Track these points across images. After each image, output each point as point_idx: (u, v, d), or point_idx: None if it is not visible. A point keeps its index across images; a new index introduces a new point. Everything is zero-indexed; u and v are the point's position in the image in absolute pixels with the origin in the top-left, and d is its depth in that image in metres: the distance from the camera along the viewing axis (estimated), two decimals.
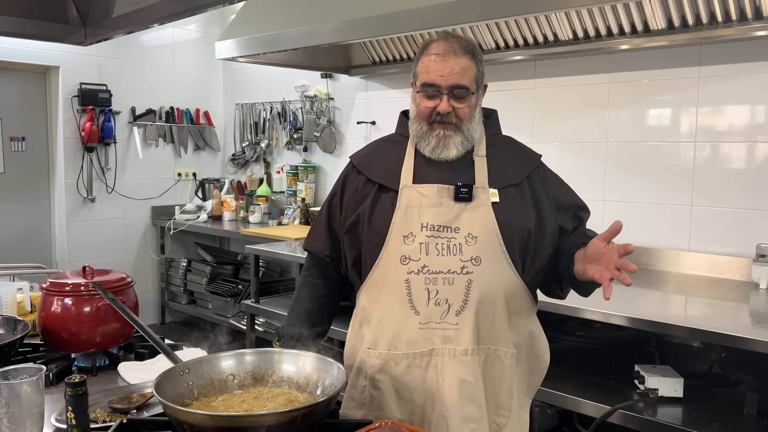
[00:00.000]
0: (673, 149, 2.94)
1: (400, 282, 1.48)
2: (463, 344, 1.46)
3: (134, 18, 2.67)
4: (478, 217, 1.48)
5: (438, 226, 1.48)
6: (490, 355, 1.49)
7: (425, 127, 1.52)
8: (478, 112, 1.54)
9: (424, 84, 1.50)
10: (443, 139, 1.50)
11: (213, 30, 5.34)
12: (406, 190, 1.52)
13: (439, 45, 1.49)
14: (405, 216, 1.50)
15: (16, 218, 4.76)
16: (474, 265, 1.46)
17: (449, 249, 1.47)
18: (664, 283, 2.76)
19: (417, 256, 1.48)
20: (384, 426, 1.19)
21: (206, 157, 5.55)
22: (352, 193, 1.61)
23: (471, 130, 1.52)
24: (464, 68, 1.47)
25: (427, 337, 1.47)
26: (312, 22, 3.19)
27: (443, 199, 1.50)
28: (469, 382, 1.46)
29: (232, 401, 1.34)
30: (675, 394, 2.20)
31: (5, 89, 4.65)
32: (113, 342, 1.82)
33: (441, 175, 1.52)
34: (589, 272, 1.43)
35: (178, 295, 5.20)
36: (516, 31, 3.01)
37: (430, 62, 1.49)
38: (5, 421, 1.25)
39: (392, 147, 1.62)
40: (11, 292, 2.02)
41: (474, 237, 1.47)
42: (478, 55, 1.52)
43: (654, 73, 2.97)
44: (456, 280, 1.46)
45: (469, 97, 1.49)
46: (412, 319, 1.47)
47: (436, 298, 1.46)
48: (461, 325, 1.46)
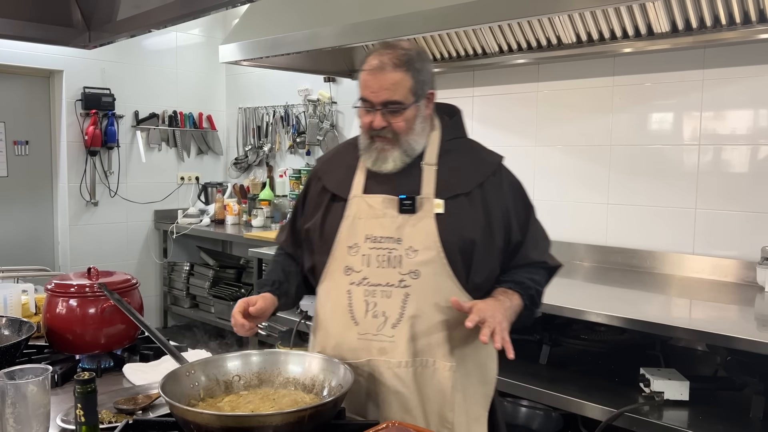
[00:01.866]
0: (676, 153, 2.93)
1: (343, 293, 1.51)
2: (397, 357, 1.46)
3: (138, 21, 2.68)
4: (420, 229, 1.48)
5: (381, 237, 1.49)
6: (429, 368, 1.49)
7: (367, 140, 1.53)
8: (419, 122, 1.51)
9: (360, 99, 1.51)
10: (382, 153, 1.51)
11: (216, 34, 5.35)
12: (355, 200, 1.54)
13: (372, 59, 1.48)
14: (351, 227, 1.52)
15: (20, 222, 4.77)
16: (412, 278, 1.47)
17: (389, 261, 1.48)
18: (669, 287, 2.76)
19: (359, 268, 1.50)
20: (391, 426, 1.19)
21: (209, 161, 5.55)
22: (312, 198, 1.65)
23: (411, 143, 1.51)
24: (395, 83, 1.45)
25: (365, 347, 1.48)
26: (315, 25, 3.19)
27: (387, 210, 1.50)
28: (402, 393, 1.46)
29: (238, 402, 1.34)
30: (681, 397, 2.19)
31: (9, 93, 4.66)
32: (118, 343, 1.82)
33: (389, 185, 1.52)
34: None
35: (180, 299, 5.20)
36: (519, 34, 3.01)
37: (363, 78, 1.49)
38: (11, 421, 1.25)
39: (351, 152, 1.61)
40: (16, 293, 2.02)
41: (415, 250, 1.47)
42: (416, 65, 1.48)
43: (657, 76, 2.97)
44: (393, 293, 1.47)
45: (403, 111, 1.47)
46: (352, 330, 1.49)
47: (374, 311, 1.48)
48: (396, 337, 1.46)
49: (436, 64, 3.49)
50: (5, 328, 1.77)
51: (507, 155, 3.68)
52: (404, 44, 1.51)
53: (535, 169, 3.42)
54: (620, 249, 3.09)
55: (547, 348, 2.62)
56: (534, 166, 3.42)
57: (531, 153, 3.43)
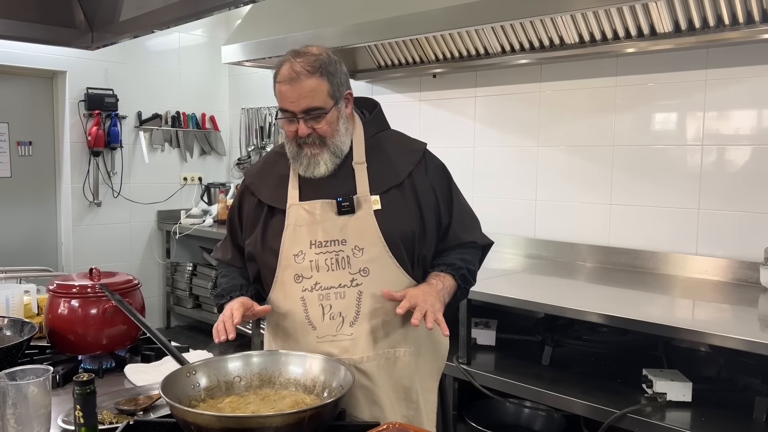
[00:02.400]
0: (679, 153, 2.93)
1: (297, 300, 1.54)
2: (359, 353, 1.52)
3: (140, 22, 2.68)
4: (362, 227, 1.53)
5: (325, 241, 1.53)
6: (390, 358, 1.55)
7: (295, 148, 1.55)
8: (342, 123, 1.55)
9: (280, 110, 1.53)
10: (312, 159, 1.53)
11: (219, 35, 5.36)
12: (293, 209, 1.56)
13: (284, 70, 1.49)
14: (294, 235, 1.54)
15: (23, 222, 4.78)
16: (362, 276, 1.52)
17: (338, 263, 1.52)
18: (671, 287, 2.75)
19: (309, 274, 1.53)
20: (391, 428, 1.19)
21: (212, 162, 5.56)
22: (247, 213, 1.66)
23: (338, 144, 1.54)
24: (312, 90, 1.47)
25: (326, 350, 1.52)
26: (317, 26, 3.19)
27: (327, 213, 1.54)
28: (368, 387, 1.53)
29: (239, 403, 1.34)
30: (683, 398, 2.18)
31: (12, 94, 4.68)
32: (119, 344, 1.82)
33: (324, 190, 1.56)
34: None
35: (183, 299, 5.20)
36: (522, 34, 3.01)
37: (280, 90, 1.50)
38: (12, 421, 1.25)
39: (281, 162, 1.63)
40: (18, 294, 2.02)
41: (360, 249, 1.52)
42: (329, 69, 1.49)
43: (660, 76, 2.96)
44: (347, 293, 1.52)
45: (324, 115, 1.50)
46: (311, 334, 1.53)
47: (330, 313, 1.52)
48: (356, 335, 1.52)
49: (438, 64, 3.49)
50: (7, 329, 1.77)
51: (510, 155, 3.69)
52: (314, 50, 1.52)
53: (537, 170, 3.42)
54: (623, 249, 3.09)
55: (550, 349, 2.62)
56: (537, 166, 3.42)
57: (533, 153, 3.43)
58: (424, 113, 3.86)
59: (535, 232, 3.45)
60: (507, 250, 3.47)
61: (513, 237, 3.47)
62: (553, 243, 3.34)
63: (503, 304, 2.51)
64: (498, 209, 3.53)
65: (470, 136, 3.69)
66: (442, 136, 3.74)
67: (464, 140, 3.70)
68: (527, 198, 3.47)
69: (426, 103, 3.87)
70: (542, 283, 2.94)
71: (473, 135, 3.69)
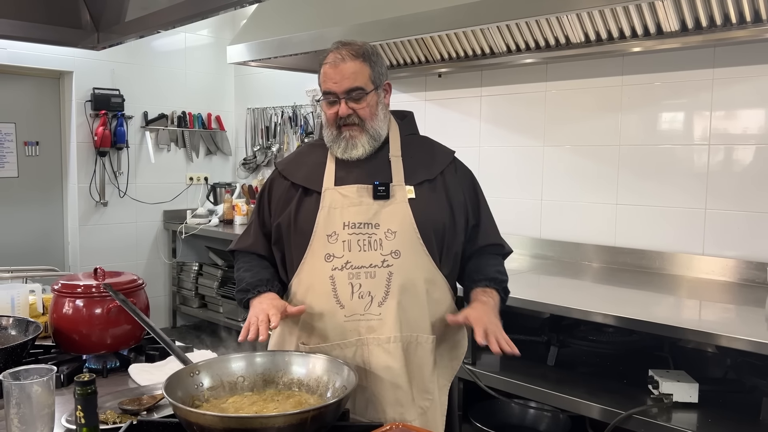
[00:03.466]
0: (686, 152, 2.91)
1: (325, 279, 1.56)
2: (386, 333, 1.54)
3: (146, 22, 2.69)
4: (396, 213, 1.58)
5: (359, 223, 1.57)
6: (412, 342, 1.57)
7: (334, 131, 1.62)
8: (381, 109, 1.63)
9: (323, 93, 1.61)
10: (350, 140, 1.60)
11: (225, 35, 5.37)
12: (328, 192, 1.60)
13: (330, 56, 1.59)
14: (328, 216, 1.58)
15: (30, 222, 4.80)
16: (394, 258, 1.55)
17: (370, 245, 1.56)
18: (678, 288, 2.74)
19: (340, 254, 1.56)
20: (395, 428, 1.18)
21: (218, 162, 5.57)
22: (279, 197, 1.69)
23: (377, 128, 1.62)
24: (355, 71, 1.57)
25: (353, 328, 1.55)
26: (322, 25, 3.19)
27: (363, 198, 1.59)
28: (393, 368, 1.54)
29: (243, 403, 1.34)
30: (690, 399, 2.17)
31: (20, 94, 4.70)
32: (124, 344, 1.82)
33: (360, 175, 1.61)
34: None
35: (189, 299, 5.21)
36: (527, 33, 3.00)
37: (325, 72, 1.59)
38: (16, 421, 1.25)
39: (315, 151, 1.70)
40: (23, 294, 2.03)
41: (393, 232, 1.56)
42: (372, 57, 1.60)
43: (667, 75, 2.94)
44: (377, 273, 1.54)
45: (365, 96, 1.58)
46: (338, 313, 1.55)
47: (359, 292, 1.54)
48: (384, 315, 1.54)
49: (443, 64, 3.48)
50: (12, 328, 1.78)
51: (515, 155, 3.68)
52: (358, 41, 1.63)
53: (543, 170, 3.40)
54: (629, 250, 3.07)
55: (555, 349, 2.61)
56: (542, 166, 3.41)
57: (539, 153, 3.42)
58: (429, 113, 3.85)
59: (541, 232, 3.44)
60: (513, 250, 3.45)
61: (518, 237, 3.45)
62: (559, 243, 3.33)
63: (509, 304, 2.47)
64: (503, 209, 3.49)
65: (476, 135, 3.69)
66: (448, 136, 3.71)
67: (470, 140, 3.70)
68: (533, 198, 3.46)
69: (431, 102, 3.86)
70: (548, 283, 2.93)
71: (479, 135, 3.68)
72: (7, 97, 4.63)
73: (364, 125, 1.59)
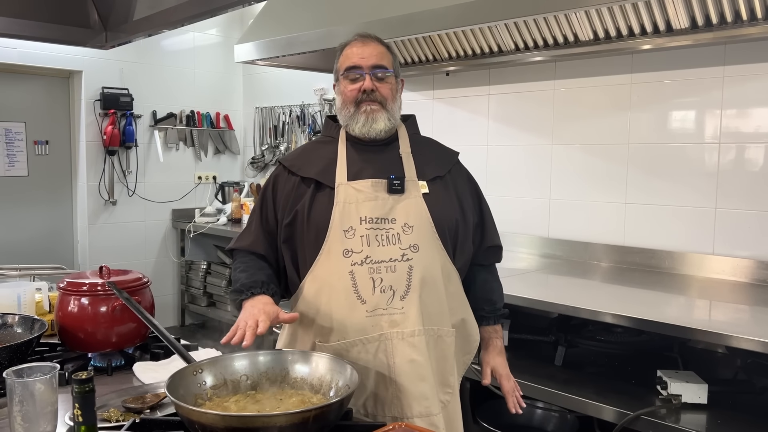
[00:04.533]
0: (696, 151, 2.88)
1: (344, 275, 1.54)
2: (410, 326, 1.53)
3: (154, 21, 2.69)
4: (411, 207, 1.58)
5: (376, 218, 1.56)
6: (434, 336, 1.58)
7: (352, 108, 1.61)
8: (398, 97, 1.66)
9: (347, 68, 1.61)
10: (371, 114, 1.60)
11: (233, 34, 5.37)
12: (342, 187, 1.59)
13: (356, 39, 1.64)
14: (344, 211, 1.56)
15: (40, 220, 4.83)
16: (413, 251, 1.55)
17: (388, 239, 1.55)
18: (688, 287, 2.71)
19: (359, 249, 1.54)
20: (398, 428, 1.17)
21: (226, 161, 5.58)
22: (287, 193, 1.65)
23: (393, 112, 1.64)
24: (382, 53, 1.62)
25: (375, 323, 1.53)
26: (330, 24, 3.18)
27: (378, 192, 1.58)
28: (418, 361, 1.54)
29: (246, 402, 1.33)
30: (699, 400, 2.14)
31: (29, 94, 4.72)
32: (129, 342, 1.82)
33: (373, 170, 1.61)
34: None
35: (197, 297, 5.23)
36: (535, 31, 2.97)
37: (350, 50, 1.62)
38: (19, 419, 1.25)
39: (323, 147, 1.70)
40: (29, 291, 2.04)
41: (410, 226, 1.57)
42: (393, 50, 1.67)
43: (677, 73, 2.91)
44: (398, 267, 1.54)
45: (389, 77, 1.62)
46: (359, 308, 1.53)
47: (381, 286, 1.53)
48: (406, 308, 1.54)
49: (451, 62, 3.47)
50: (18, 326, 1.78)
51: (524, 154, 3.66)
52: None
53: (551, 168, 3.38)
54: (638, 249, 3.04)
55: (563, 349, 2.59)
56: (551, 164, 3.38)
57: (548, 152, 3.39)
58: (437, 112, 3.83)
59: (549, 231, 3.41)
60: (520, 250, 3.44)
61: (527, 236, 3.43)
62: (568, 242, 3.31)
63: (516, 303, 2.48)
64: (511, 208, 3.50)
65: (484, 134, 3.67)
66: (456, 135, 3.72)
67: (477, 139, 3.68)
68: (541, 197, 3.44)
69: (439, 101, 3.85)
70: (556, 282, 2.91)
71: (486, 133, 3.66)
72: (18, 97, 4.66)
73: (385, 104, 1.60)
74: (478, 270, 1.78)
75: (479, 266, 1.78)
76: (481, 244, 1.75)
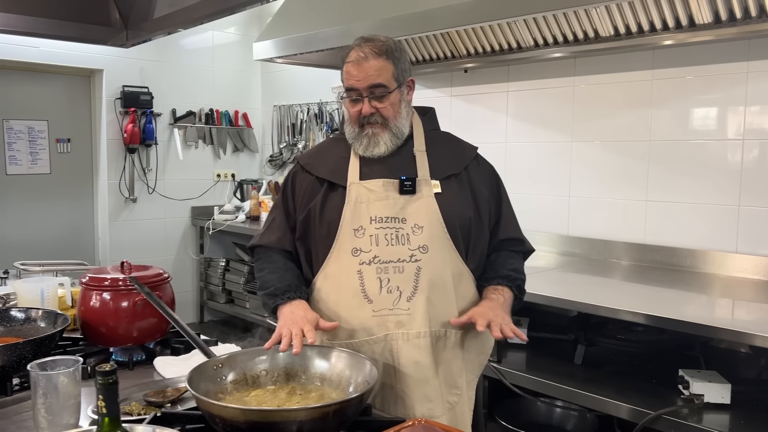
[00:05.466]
0: (719, 148, 2.84)
1: (353, 273, 1.55)
2: (415, 328, 1.53)
3: (174, 19, 2.72)
4: (422, 207, 1.57)
5: (386, 218, 1.56)
6: (441, 337, 1.57)
7: (357, 129, 1.61)
8: (404, 107, 1.62)
9: (346, 89, 1.60)
10: (372, 138, 1.59)
11: (251, 32, 5.40)
12: (353, 186, 1.59)
13: (353, 53, 1.58)
14: (355, 210, 1.57)
15: (62, 217, 4.89)
16: (422, 253, 1.55)
17: (398, 239, 1.55)
18: (710, 286, 2.67)
19: (368, 248, 1.55)
20: (417, 425, 1.17)
21: (244, 159, 5.61)
22: (303, 191, 1.68)
23: (399, 126, 1.61)
24: (378, 69, 1.55)
25: (381, 323, 1.54)
26: (348, 21, 3.19)
27: (389, 192, 1.58)
28: (422, 363, 1.53)
29: (265, 397, 1.34)
30: (722, 400, 2.12)
31: (52, 92, 4.79)
32: (150, 337, 1.84)
33: (385, 170, 1.61)
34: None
35: (216, 294, 5.26)
36: (555, 27, 2.95)
37: (347, 69, 1.58)
38: (43, 411, 1.27)
39: (338, 146, 1.69)
40: (52, 286, 2.06)
41: (420, 227, 1.56)
42: (395, 54, 1.58)
43: (699, 69, 2.87)
44: (406, 268, 1.54)
45: (388, 95, 1.57)
46: (366, 308, 1.54)
47: (387, 286, 1.54)
48: (412, 309, 1.54)
49: (469, 59, 3.45)
50: (41, 320, 1.80)
51: (543, 151, 3.64)
52: (381, 37, 1.61)
53: (571, 166, 3.35)
54: (659, 247, 3.01)
55: (582, 348, 2.57)
56: (570, 162, 3.36)
57: (567, 149, 3.37)
58: (455, 109, 3.82)
59: (569, 229, 3.39)
60: (539, 248, 3.39)
61: (546, 234, 3.41)
62: (587, 240, 3.28)
63: (535, 301, 2.46)
64: (530, 206, 3.48)
65: (502, 131, 3.65)
66: (474, 132, 3.70)
67: (496, 136, 3.66)
68: (560, 194, 3.41)
69: (457, 98, 3.83)
70: (575, 280, 2.88)
71: (505, 131, 3.64)
72: (40, 95, 4.73)
73: (387, 124, 1.59)
74: (493, 252, 1.71)
75: (505, 251, 1.71)
76: (497, 236, 1.71)
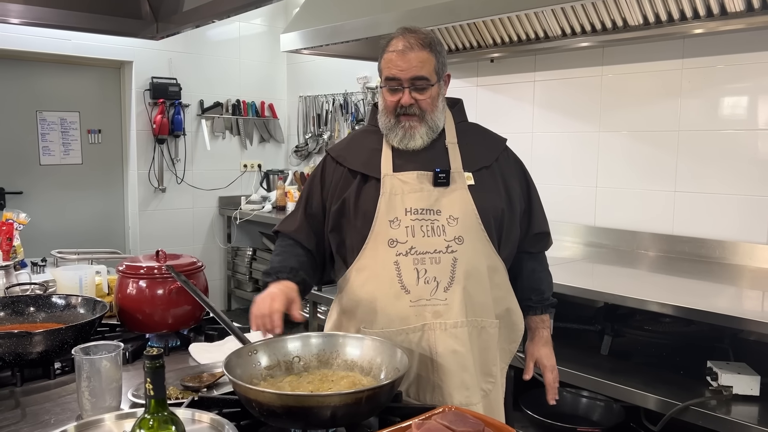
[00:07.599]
0: (750, 138, 2.80)
1: (389, 264, 1.56)
2: (452, 318, 1.55)
3: (203, 12, 2.75)
4: (456, 199, 1.58)
5: (421, 209, 1.57)
6: (477, 327, 1.59)
7: (392, 119, 1.61)
8: (441, 101, 1.63)
9: (386, 78, 1.58)
10: (409, 130, 1.59)
11: (278, 24, 5.43)
12: (387, 178, 1.60)
13: (398, 41, 1.57)
14: (389, 202, 1.58)
15: (93, 207, 5.00)
16: (457, 244, 1.56)
17: (433, 230, 1.56)
18: (739, 278, 2.65)
19: (404, 239, 1.56)
20: (448, 411, 1.19)
21: (271, 149, 5.66)
22: (335, 183, 1.67)
23: (435, 120, 1.61)
24: (422, 61, 1.55)
25: (418, 313, 1.55)
26: (374, 12, 3.19)
27: (423, 184, 1.59)
28: (460, 352, 1.55)
29: (299, 382, 1.38)
30: (751, 392, 2.10)
31: (83, 84, 4.88)
32: (184, 324, 1.89)
33: (419, 162, 1.61)
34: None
35: (243, 282, 5.34)
36: (583, 16, 2.93)
37: (390, 58, 1.57)
38: (86, 393, 1.32)
39: (369, 137, 1.69)
40: (90, 274, 2.12)
41: (455, 218, 1.57)
42: (437, 47, 1.59)
43: (730, 58, 2.83)
44: (442, 258, 1.55)
45: (429, 88, 1.57)
46: (403, 298, 1.55)
47: (425, 277, 1.55)
48: (450, 300, 1.55)
49: (495, 49, 3.44)
50: (81, 307, 1.86)
51: (570, 141, 3.62)
52: (423, 29, 1.61)
53: (599, 156, 3.34)
54: (688, 238, 2.99)
55: (609, 338, 2.57)
56: (598, 152, 3.34)
57: (595, 139, 3.35)
58: (481, 99, 3.82)
59: (596, 219, 3.37)
60: (566, 238, 3.41)
61: (572, 225, 3.40)
62: (614, 231, 3.26)
63: (562, 292, 2.46)
64: (557, 196, 3.47)
65: (529, 121, 3.64)
66: (500, 122, 3.69)
67: (522, 126, 3.65)
68: (587, 185, 3.40)
69: (483, 88, 3.83)
70: (602, 271, 2.88)
71: (532, 120, 3.63)
72: (72, 87, 4.82)
73: (424, 116, 1.59)
74: (527, 259, 1.76)
75: (527, 254, 1.76)
76: (528, 230, 1.73)
